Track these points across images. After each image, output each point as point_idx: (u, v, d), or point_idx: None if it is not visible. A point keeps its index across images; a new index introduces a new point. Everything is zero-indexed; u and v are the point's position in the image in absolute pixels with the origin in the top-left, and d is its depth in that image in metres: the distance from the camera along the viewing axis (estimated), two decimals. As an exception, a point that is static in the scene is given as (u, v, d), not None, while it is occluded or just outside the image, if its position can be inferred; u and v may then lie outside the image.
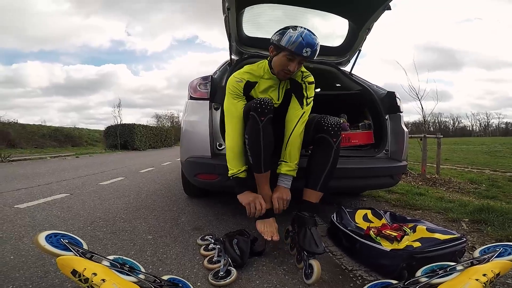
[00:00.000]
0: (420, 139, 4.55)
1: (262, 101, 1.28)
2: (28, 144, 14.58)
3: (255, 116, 1.28)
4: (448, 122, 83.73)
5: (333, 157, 1.32)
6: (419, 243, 1.23)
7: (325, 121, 1.35)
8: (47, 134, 17.26)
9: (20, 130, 15.53)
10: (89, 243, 1.50)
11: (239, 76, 1.47)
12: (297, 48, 1.30)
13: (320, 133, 1.35)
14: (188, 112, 1.87)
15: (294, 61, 1.36)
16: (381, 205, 2.51)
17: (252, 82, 1.48)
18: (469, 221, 1.99)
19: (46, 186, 3.37)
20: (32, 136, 15.91)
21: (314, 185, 1.33)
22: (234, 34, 2.31)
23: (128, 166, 6.29)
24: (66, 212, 2.16)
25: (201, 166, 1.72)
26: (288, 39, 1.31)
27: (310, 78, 1.51)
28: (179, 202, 2.50)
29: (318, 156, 1.36)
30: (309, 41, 1.30)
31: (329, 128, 1.33)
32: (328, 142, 1.33)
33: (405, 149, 2.05)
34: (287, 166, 1.38)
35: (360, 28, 2.30)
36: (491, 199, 2.89)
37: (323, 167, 1.32)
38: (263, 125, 1.28)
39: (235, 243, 1.33)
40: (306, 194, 1.35)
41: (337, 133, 1.33)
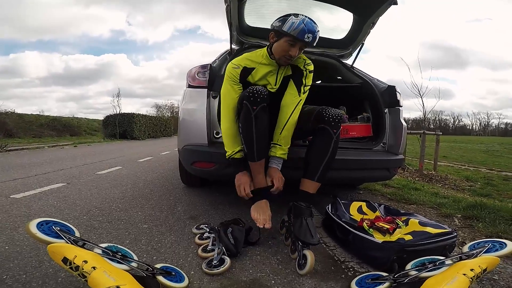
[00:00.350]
0: (420, 135, 4.56)
1: (255, 90, 1.29)
2: (26, 133, 14.49)
3: (247, 105, 1.29)
4: (449, 120, 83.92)
5: (332, 148, 1.33)
6: (410, 236, 1.25)
7: (327, 112, 1.35)
8: (45, 123, 17.14)
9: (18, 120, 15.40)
10: (84, 232, 1.52)
11: (236, 63, 1.50)
12: (299, 33, 1.33)
13: (320, 124, 1.36)
14: (186, 100, 1.86)
15: (295, 46, 1.38)
16: (377, 199, 2.53)
17: (249, 68, 1.50)
18: (461, 217, 2.02)
19: (43, 176, 3.35)
20: (30, 126, 15.80)
21: (312, 176, 1.34)
22: (235, 23, 2.29)
23: (126, 155, 6.28)
24: (62, 201, 2.16)
25: (198, 154, 1.72)
26: (291, 25, 1.34)
27: (310, 67, 1.54)
28: (176, 192, 2.51)
29: (318, 147, 1.37)
30: (310, 27, 1.33)
31: (330, 119, 1.34)
32: (328, 133, 1.34)
33: (402, 143, 2.06)
34: (281, 150, 1.42)
35: (365, 22, 2.27)
36: (485, 196, 2.92)
37: (322, 157, 1.33)
38: (256, 114, 1.28)
39: (229, 232, 1.35)
40: (304, 184, 1.36)
41: (338, 125, 1.34)
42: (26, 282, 1.04)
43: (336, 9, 2.32)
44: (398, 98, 2.14)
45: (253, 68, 1.50)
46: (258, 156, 1.34)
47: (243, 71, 1.48)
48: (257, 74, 1.50)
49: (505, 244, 1.07)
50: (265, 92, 1.30)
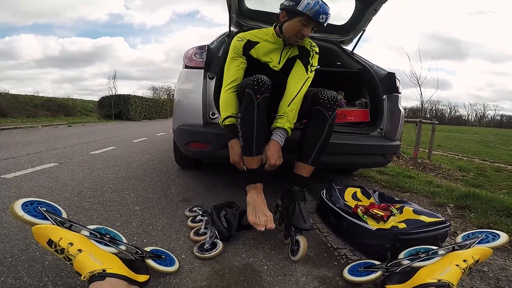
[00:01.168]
0: (416, 124, 4.55)
1: (259, 78, 1.23)
2: (20, 113, 14.23)
3: (250, 94, 1.23)
4: (445, 110, 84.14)
5: (327, 131, 1.30)
6: (404, 224, 1.24)
7: (322, 94, 1.31)
8: (40, 104, 16.82)
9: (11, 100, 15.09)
10: (74, 214, 1.50)
11: (241, 36, 1.51)
12: (314, 14, 1.32)
13: (315, 106, 1.32)
14: (182, 81, 1.82)
15: (308, 26, 1.38)
16: (371, 186, 2.53)
17: (253, 41, 1.50)
18: (454, 206, 2.03)
19: (36, 155, 3.29)
20: (24, 106, 15.50)
21: (306, 159, 1.31)
22: (235, 6, 2.21)
23: (121, 135, 6.20)
24: (53, 182, 2.12)
25: (192, 134, 1.68)
26: (306, 5, 1.32)
27: (316, 48, 1.54)
28: (170, 173, 2.48)
29: (312, 129, 1.32)
30: (324, 9, 1.33)
31: (325, 101, 1.30)
32: (323, 115, 1.30)
33: (399, 129, 2.04)
34: (289, 123, 1.32)
35: (367, 8, 2.21)
36: (477, 187, 2.94)
37: (316, 140, 1.30)
38: (258, 103, 1.23)
39: (223, 215, 1.33)
40: (298, 167, 1.33)
41: (333, 107, 1.30)
42: (11, 265, 1.01)
43: None
44: (398, 85, 2.11)
45: (257, 42, 1.50)
46: (256, 151, 1.26)
47: (246, 44, 1.49)
48: (260, 49, 1.50)
49: (498, 236, 1.06)
50: (268, 82, 1.25)
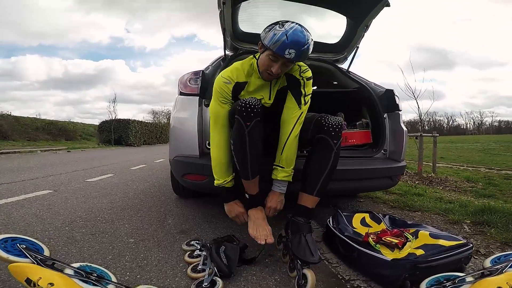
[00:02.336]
0: (416, 137, 4.49)
1: (248, 103, 1.15)
2: (21, 136, 14.36)
3: (240, 121, 1.16)
4: (443, 121, 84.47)
5: (332, 160, 1.22)
6: (422, 250, 1.14)
7: (326, 120, 1.24)
8: (41, 127, 16.99)
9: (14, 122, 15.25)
10: (64, 245, 1.43)
11: (227, 76, 1.31)
12: (278, 48, 1.14)
13: (319, 134, 1.25)
14: (177, 108, 1.79)
15: (277, 62, 1.20)
16: (379, 207, 2.43)
17: (241, 82, 1.33)
18: (471, 223, 1.92)
19: (31, 182, 3.27)
20: (25, 129, 15.66)
21: (311, 190, 1.23)
22: (229, 29, 2.21)
23: (119, 162, 6.14)
24: (45, 210, 2.07)
25: (189, 166, 1.63)
26: (271, 37, 1.16)
27: (308, 73, 1.35)
28: (168, 203, 2.38)
29: (317, 159, 1.25)
30: (294, 40, 1.13)
31: (329, 128, 1.22)
32: (328, 143, 1.22)
33: (404, 149, 1.97)
34: (283, 172, 1.29)
35: (359, 25, 2.22)
36: (489, 197, 2.84)
37: (321, 170, 1.22)
38: (249, 131, 1.16)
39: (222, 250, 1.23)
40: (302, 198, 1.25)
41: (338, 134, 1.23)
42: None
43: (330, 13, 2.28)
44: (397, 102, 2.07)
45: (246, 82, 1.34)
46: (252, 174, 1.24)
47: (235, 87, 1.31)
48: (249, 88, 1.35)
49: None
50: (258, 105, 1.16)
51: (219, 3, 1.96)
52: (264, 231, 1.24)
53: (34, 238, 1.49)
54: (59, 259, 1.20)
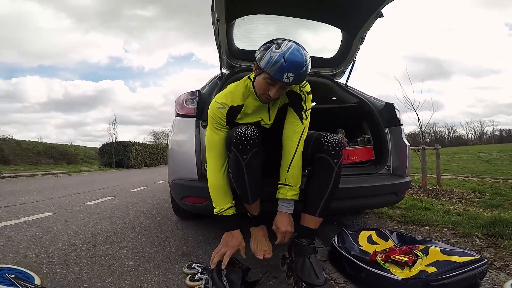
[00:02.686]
0: (418, 150, 4.45)
1: (244, 135, 1.11)
2: (23, 160, 14.38)
3: (236, 154, 1.14)
4: (444, 132, 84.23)
5: (334, 180, 1.18)
6: (434, 267, 1.09)
7: (325, 139, 1.20)
8: (43, 151, 17.04)
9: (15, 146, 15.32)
10: (63, 268, 1.40)
11: (220, 101, 1.26)
12: (276, 73, 1.08)
13: (319, 153, 1.21)
14: (174, 131, 1.77)
15: (274, 86, 1.14)
16: (385, 222, 2.36)
17: (236, 106, 1.27)
18: (482, 235, 1.86)
19: (31, 205, 3.26)
20: (27, 153, 15.70)
21: (313, 211, 1.19)
22: (224, 46, 2.21)
23: (120, 184, 6.10)
24: (45, 233, 2.05)
25: (188, 189, 1.61)
26: (268, 60, 1.09)
27: (307, 88, 1.31)
28: (168, 225, 2.33)
29: (317, 179, 1.21)
30: (293, 62, 1.07)
31: (329, 147, 1.19)
32: (328, 163, 1.19)
33: (408, 164, 1.93)
34: (292, 191, 1.23)
35: (354, 37, 2.23)
36: (497, 207, 2.78)
37: (323, 191, 1.18)
38: (246, 163, 1.14)
39: (224, 274, 1.17)
40: (305, 219, 1.21)
41: (338, 153, 1.19)
42: None
43: (325, 27, 2.29)
44: (398, 116, 2.04)
45: (241, 106, 1.29)
46: (253, 199, 1.25)
47: (230, 111, 1.26)
48: (247, 111, 1.30)
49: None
50: (255, 136, 1.13)
51: (213, 20, 1.98)
52: (264, 247, 1.27)
53: (33, 260, 1.49)
54: (54, 285, 1.16)
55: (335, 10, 2.08)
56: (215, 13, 1.89)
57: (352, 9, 2.02)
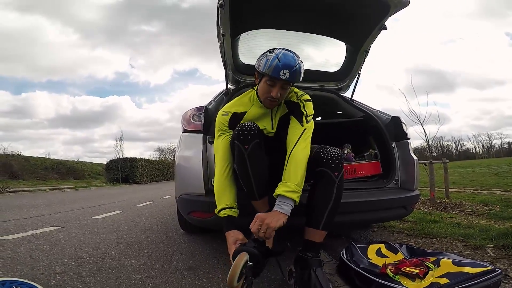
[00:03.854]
0: (425, 164, 4.40)
1: (244, 127, 1.19)
2: (31, 176, 14.59)
3: (239, 145, 1.19)
4: (451, 146, 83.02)
5: (335, 194, 1.18)
6: (446, 279, 1.07)
7: (324, 152, 1.22)
8: (50, 167, 17.27)
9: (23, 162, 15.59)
10: (70, 280, 1.41)
11: (225, 109, 1.39)
12: (273, 71, 1.21)
13: (319, 167, 1.22)
14: (181, 147, 1.79)
15: (275, 86, 1.26)
16: (394, 236, 2.32)
17: (239, 113, 1.38)
18: (494, 247, 1.82)
19: (38, 218, 3.29)
20: (35, 168, 15.94)
21: (316, 224, 1.19)
22: (230, 62, 2.25)
23: (126, 199, 6.11)
24: (52, 245, 2.06)
25: (195, 203, 1.62)
26: (265, 63, 1.24)
27: (305, 96, 1.40)
28: (175, 239, 2.32)
29: (319, 193, 1.22)
30: (286, 61, 1.21)
31: (329, 160, 1.19)
32: (329, 176, 1.19)
33: (416, 177, 1.92)
34: (284, 186, 1.15)
35: (358, 50, 2.26)
36: (509, 219, 2.72)
37: (325, 204, 1.19)
38: (249, 154, 1.18)
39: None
40: (308, 233, 1.21)
41: (339, 166, 1.20)
42: None
43: (329, 41, 2.33)
44: (405, 129, 2.04)
45: (244, 113, 1.38)
46: (259, 195, 1.24)
47: (233, 118, 1.36)
48: (249, 119, 1.37)
49: None
50: (255, 128, 1.20)
51: (218, 35, 2.03)
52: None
53: (40, 273, 1.50)
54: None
55: (339, 23, 2.12)
56: (220, 28, 1.94)
57: (356, 22, 2.06)
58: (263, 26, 2.20)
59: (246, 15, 2.02)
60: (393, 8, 1.81)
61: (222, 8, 1.75)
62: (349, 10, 1.98)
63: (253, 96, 1.40)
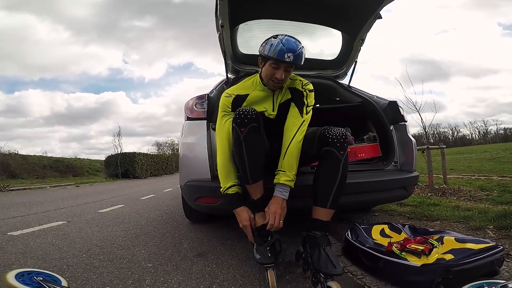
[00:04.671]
0: (423, 151, 4.45)
1: (242, 111, 1.23)
2: (30, 175, 14.53)
3: (235, 128, 1.22)
4: (447, 133, 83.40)
5: (341, 172, 1.22)
6: (451, 255, 1.11)
7: (330, 132, 1.24)
8: (48, 165, 17.18)
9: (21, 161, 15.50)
10: (83, 271, 1.44)
11: (229, 92, 1.45)
12: (278, 54, 1.27)
13: (325, 147, 1.25)
14: (185, 134, 1.80)
15: (279, 68, 1.32)
16: (395, 219, 2.37)
17: (242, 95, 1.43)
18: (494, 228, 1.87)
19: (43, 214, 3.32)
20: (33, 167, 15.85)
21: (324, 203, 1.22)
22: (229, 52, 2.28)
23: (128, 194, 6.15)
24: (61, 239, 2.09)
25: (201, 189, 1.64)
26: (270, 47, 1.30)
27: (310, 86, 1.46)
28: (181, 228, 2.36)
29: (325, 172, 1.25)
30: (290, 46, 1.28)
31: (334, 140, 1.23)
32: (335, 155, 1.22)
33: (414, 159, 1.97)
34: (285, 176, 1.26)
35: (354, 39, 2.29)
36: (507, 204, 2.76)
37: (331, 183, 1.22)
38: (244, 136, 1.20)
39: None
40: (316, 212, 1.24)
41: (344, 145, 1.23)
42: None
43: (325, 30, 2.36)
44: (402, 113, 2.09)
45: (247, 95, 1.43)
46: (253, 179, 1.25)
47: (235, 100, 1.41)
48: (252, 100, 1.43)
49: None
50: (253, 112, 1.22)
51: (217, 26, 2.05)
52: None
53: (53, 265, 1.53)
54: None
55: (336, 12, 2.14)
56: (219, 19, 1.95)
57: (352, 11, 2.08)
58: (261, 16, 2.22)
59: (244, 5, 2.03)
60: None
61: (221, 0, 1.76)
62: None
63: (257, 80, 1.45)
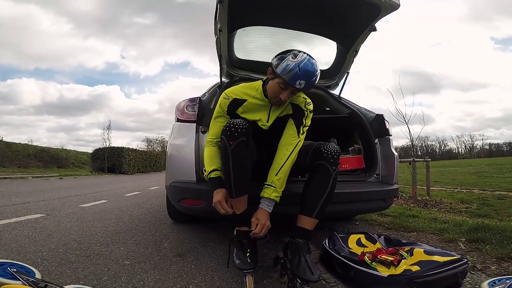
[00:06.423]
0: (409, 163, 4.55)
1: (233, 123, 1.23)
2: (12, 163, 14.15)
3: (224, 140, 1.23)
4: (435, 146, 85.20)
5: (331, 185, 1.27)
6: (418, 266, 1.16)
7: (325, 148, 1.30)
8: (33, 154, 16.77)
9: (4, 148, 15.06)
10: (58, 265, 1.42)
11: (228, 93, 1.43)
12: (290, 79, 1.22)
13: (318, 160, 1.30)
14: (174, 135, 1.82)
15: (286, 90, 1.29)
16: (375, 229, 2.43)
17: (240, 99, 1.42)
18: (466, 240, 1.94)
19: (22, 206, 3.24)
20: (16, 155, 15.44)
21: (310, 212, 1.26)
22: (225, 56, 2.30)
23: (113, 189, 6.07)
24: (38, 232, 2.05)
25: (185, 191, 1.65)
26: (285, 67, 1.23)
27: (311, 106, 1.45)
28: (163, 227, 2.35)
29: (316, 183, 1.30)
30: (305, 73, 1.22)
31: (328, 155, 1.28)
32: (327, 169, 1.28)
33: (396, 172, 2.02)
34: (276, 192, 1.28)
35: (348, 50, 2.33)
36: (484, 217, 2.87)
37: (320, 194, 1.26)
38: (232, 150, 1.21)
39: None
40: (301, 220, 1.28)
41: (336, 161, 1.29)
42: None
43: (320, 40, 2.39)
44: (387, 127, 2.14)
45: (244, 100, 1.42)
46: (236, 193, 1.26)
47: (232, 103, 1.41)
48: (248, 107, 1.42)
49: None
50: (244, 125, 1.23)
51: (215, 30, 2.07)
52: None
53: (27, 258, 1.49)
54: (52, 281, 1.18)
55: (332, 23, 2.19)
56: (218, 23, 1.97)
57: (348, 22, 2.13)
58: (259, 23, 2.25)
59: (243, 12, 2.05)
60: (384, 11, 1.87)
61: (221, 4, 1.79)
62: (342, 11, 2.05)
63: (259, 88, 1.41)
